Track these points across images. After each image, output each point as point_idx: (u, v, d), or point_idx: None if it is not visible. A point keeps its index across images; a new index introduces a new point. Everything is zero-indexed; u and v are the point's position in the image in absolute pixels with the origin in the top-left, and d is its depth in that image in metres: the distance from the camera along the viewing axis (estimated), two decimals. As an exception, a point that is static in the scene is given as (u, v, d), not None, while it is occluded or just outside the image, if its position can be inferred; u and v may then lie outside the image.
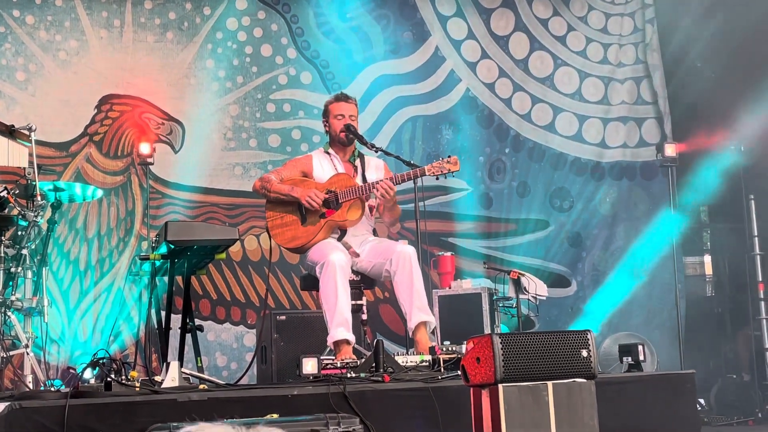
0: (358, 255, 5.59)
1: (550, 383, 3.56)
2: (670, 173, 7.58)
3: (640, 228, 9.04)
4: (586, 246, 9.06)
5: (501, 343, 3.52)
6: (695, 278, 9.29)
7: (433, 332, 5.50)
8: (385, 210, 5.66)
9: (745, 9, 8.31)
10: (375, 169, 5.80)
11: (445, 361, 5.03)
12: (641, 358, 5.45)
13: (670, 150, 7.47)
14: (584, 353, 3.63)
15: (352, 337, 5.29)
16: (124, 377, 4.69)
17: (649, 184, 9.16)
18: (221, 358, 7.95)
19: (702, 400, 7.55)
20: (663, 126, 9.27)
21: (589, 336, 3.70)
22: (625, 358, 5.53)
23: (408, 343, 5.60)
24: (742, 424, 7.33)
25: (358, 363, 4.99)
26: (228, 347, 7.99)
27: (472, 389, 3.63)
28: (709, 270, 9.28)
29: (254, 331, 7.78)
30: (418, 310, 5.34)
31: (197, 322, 5.78)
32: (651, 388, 5.04)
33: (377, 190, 5.43)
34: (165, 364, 4.84)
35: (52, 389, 4.83)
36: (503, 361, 3.50)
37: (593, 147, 9.20)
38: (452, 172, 5.45)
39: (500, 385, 3.48)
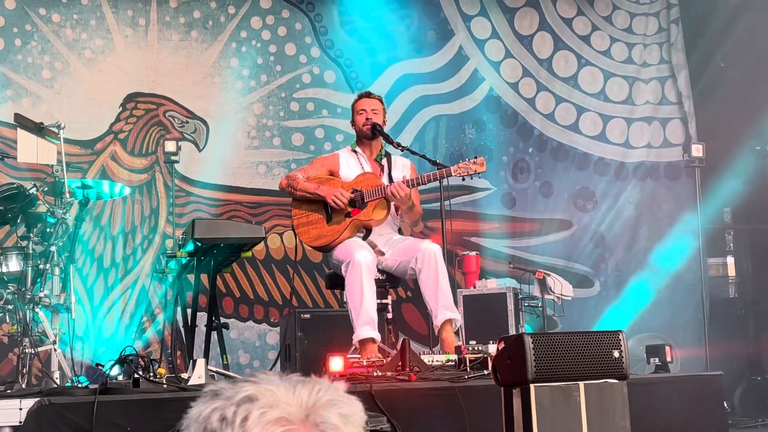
0: (383, 254, 5.59)
1: (581, 383, 3.54)
2: (697, 174, 7.53)
3: (664, 229, 8.99)
4: (609, 246, 9.02)
5: (532, 342, 3.51)
6: (718, 279, 9.24)
7: (457, 332, 5.50)
8: (404, 211, 5.65)
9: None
10: (402, 168, 5.80)
11: (471, 361, 5.02)
12: (668, 359, 5.43)
13: (697, 150, 7.42)
14: (616, 354, 3.61)
15: (377, 336, 5.29)
16: (151, 374, 4.72)
17: (674, 185, 9.11)
18: (244, 356, 7.97)
19: (726, 402, 7.50)
20: (687, 126, 9.23)
21: (620, 336, 3.68)
22: (652, 359, 5.51)
23: (431, 341, 5.60)
24: (767, 426, 7.28)
25: (384, 362, 4.99)
26: (251, 345, 8.01)
27: (502, 389, 3.62)
28: (732, 271, 9.23)
29: (277, 329, 7.79)
30: (444, 308, 5.34)
31: (222, 320, 5.79)
32: (679, 389, 5.03)
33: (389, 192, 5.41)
34: (191, 361, 4.85)
35: (80, 386, 4.85)
36: (534, 361, 3.48)
37: (617, 147, 9.17)
38: (478, 173, 5.44)
39: (532, 385, 3.47)
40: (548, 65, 9.13)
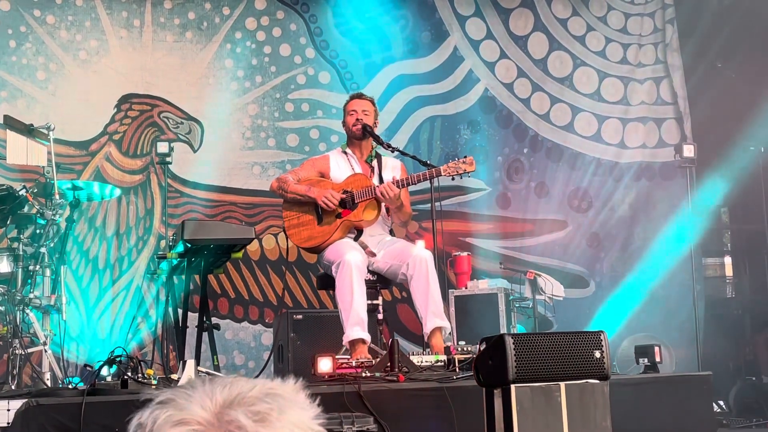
0: (374, 255, 5.60)
1: (562, 384, 3.55)
2: (689, 174, 7.53)
3: (659, 229, 8.98)
4: (604, 247, 9.01)
5: (513, 343, 3.51)
6: (715, 279, 9.24)
7: (449, 336, 5.52)
8: (393, 212, 5.66)
9: (765, 8, 8.26)
10: (392, 169, 5.80)
11: (460, 362, 5.03)
12: (657, 359, 5.44)
13: (688, 151, 7.42)
14: (597, 354, 3.62)
15: (367, 337, 5.30)
16: (140, 375, 4.74)
17: (669, 185, 9.08)
18: (239, 356, 7.97)
19: (721, 402, 7.51)
20: (683, 126, 9.22)
21: (602, 337, 3.69)
22: (641, 360, 5.52)
23: (424, 342, 5.60)
24: (761, 427, 7.28)
25: (374, 362, 5.00)
26: (246, 346, 8.02)
27: (484, 389, 3.63)
28: (729, 271, 9.23)
29: (272, 330, 7.80)
30: (434, 315, 5.36)
31: (216, 320, 5.81)
32: (667, 389, 5.04)
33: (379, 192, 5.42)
34: (181, 362, 4.87)
35: (71, 387, 4.86)
36: (515, 361, 3.49)
37: (612, 147, 9.16)
38: (468, 173, 5.44)
39: (512, 386, 3.48)
40: (543, 66, 9.12)
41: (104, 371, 5.03)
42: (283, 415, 1.15)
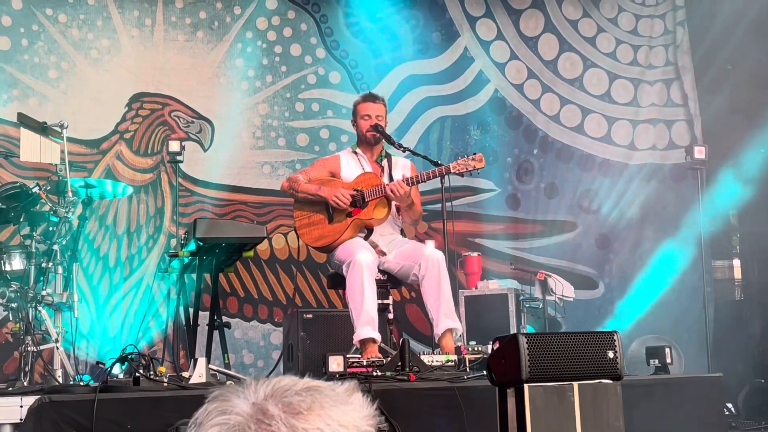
0: (384, 254, 5.61)
1: (575, 384, 3.56)
2: (699, 176, 7.51)
3: (669, 231, 8.96)
4: (614, 248, 9.00)
5: (527, 343, 3.52)
6: (724, 282, 9.20)
7: (459, 337, 5.53)
8: (403, 210, 5.66)
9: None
10: (402, 168, 5.81)
11: (470, 361, 5.04)
12: (668, 360, 5.43)
13: (699, 153, 7.40)
14: (610, 354, 3.62)
15: (378, 336, 5.31)
16: (152, 372, 4.75)
17: (678, 187, 9.06)
18: (248, 355, 7.98)
19: (730, 405, 7.48)
20: (693, 128, 9.20)
21: (615, 337, 3.69)
22: (652, 361, 5.51)
23: (434, 342, 5.62)
24: (770, 429, 7.26)
25: (384, 362, 5.01)
26: (255, 345, 8.03)
27: (497, 389, 3.63)
28: (738, 274, 9.19)
29: (281, 329, 7.81)
30: (445, 317, 5.37)
31: (225, 319, 5.82)
32: (678, 390, 5.03)
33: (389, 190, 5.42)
34: (192, 360, 4.88)
35: (82, 384, 4.88)
36: (529, 360, 3.50)
37: (622, 149, 9.15)
38: (477, 169, 5.45)
39: (526, 385, 3.48)
40: (553, 67, 9.11)
41: (115, 368, 5.05)
42: (322, 410, 1.20)
